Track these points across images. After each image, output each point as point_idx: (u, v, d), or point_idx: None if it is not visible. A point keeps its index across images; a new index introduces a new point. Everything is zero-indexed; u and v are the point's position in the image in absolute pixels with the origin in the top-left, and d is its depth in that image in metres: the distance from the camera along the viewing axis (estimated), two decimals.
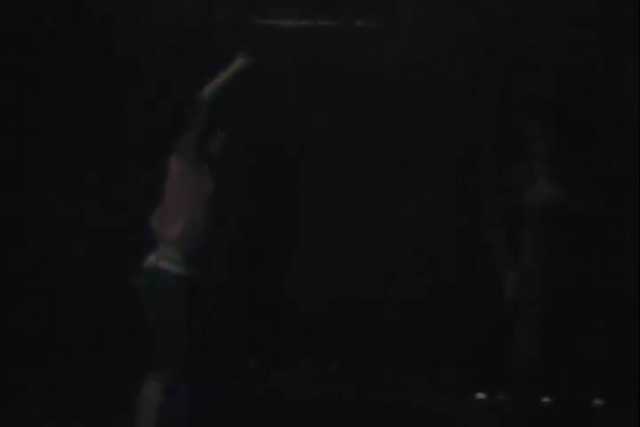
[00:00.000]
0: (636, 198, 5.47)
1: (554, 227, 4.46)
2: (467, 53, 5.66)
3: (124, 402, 4.60)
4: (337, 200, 5.89)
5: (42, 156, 6.28)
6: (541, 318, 4.40)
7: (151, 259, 4.29)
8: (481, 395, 5.80)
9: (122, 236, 6.01)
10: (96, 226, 6.15)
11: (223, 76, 4.32)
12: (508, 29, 5.60)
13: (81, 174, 6.21)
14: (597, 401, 5.41)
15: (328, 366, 6.04)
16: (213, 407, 5.15)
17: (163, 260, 4.24)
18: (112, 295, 5.96)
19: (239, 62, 4.39)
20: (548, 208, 4.46)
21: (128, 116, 6.13)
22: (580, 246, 4.41)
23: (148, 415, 4.23)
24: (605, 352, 5.12)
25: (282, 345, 6.02)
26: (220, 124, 4.51)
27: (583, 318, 4.41)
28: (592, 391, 5.19)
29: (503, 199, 4.61)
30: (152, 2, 5.90)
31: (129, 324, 5.69)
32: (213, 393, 5.27)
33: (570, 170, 4.54)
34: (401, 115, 5.77)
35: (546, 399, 4.47)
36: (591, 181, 4.52)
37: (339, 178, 5.93)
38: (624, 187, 5.40)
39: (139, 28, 5.98)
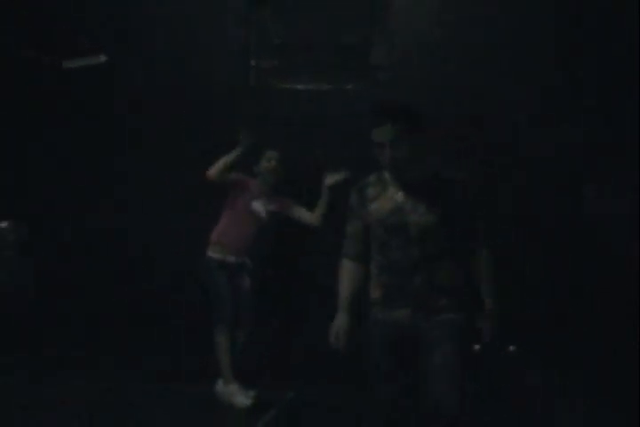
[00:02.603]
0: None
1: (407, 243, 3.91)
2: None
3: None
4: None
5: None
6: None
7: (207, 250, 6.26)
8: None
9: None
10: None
11: (226, 159, 6.02)
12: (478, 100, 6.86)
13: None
14: None
15: None
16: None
17: (209, 250, 6.26)
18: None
19: (241, 146, 6.00)
20: (397, 223, 3.92)
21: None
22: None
23: (223, 353, 6.10)
24: None
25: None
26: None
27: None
28: None
29: (351, 216, 4.13)
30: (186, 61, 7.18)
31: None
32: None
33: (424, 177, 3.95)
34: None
35: None
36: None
37: None
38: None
39: (173, 88, 7.18)
